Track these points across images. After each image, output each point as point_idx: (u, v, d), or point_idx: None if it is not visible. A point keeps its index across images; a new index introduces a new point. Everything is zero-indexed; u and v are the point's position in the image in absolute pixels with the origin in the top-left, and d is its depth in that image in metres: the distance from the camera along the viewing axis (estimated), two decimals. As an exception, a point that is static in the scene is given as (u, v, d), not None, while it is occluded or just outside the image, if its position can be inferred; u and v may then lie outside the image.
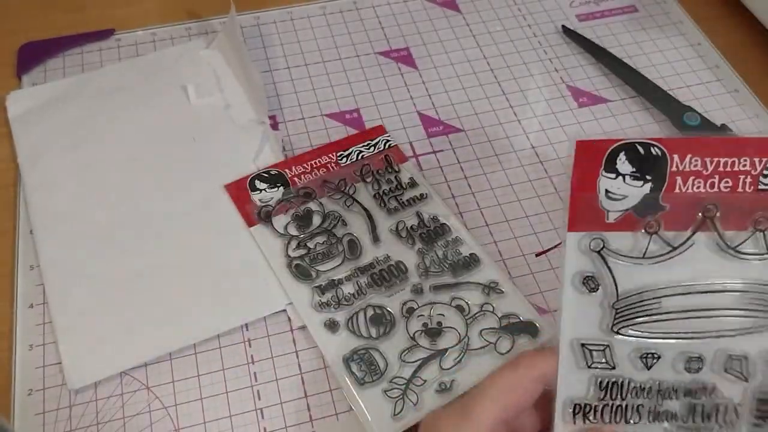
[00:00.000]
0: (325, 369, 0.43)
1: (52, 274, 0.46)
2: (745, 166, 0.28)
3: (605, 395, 0.31)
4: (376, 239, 0.47)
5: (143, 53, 0.60)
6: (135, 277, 0.46)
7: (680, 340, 0.31)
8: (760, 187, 0.29)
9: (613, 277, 0.30)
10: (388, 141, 0.53)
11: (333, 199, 0.49)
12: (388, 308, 0.44)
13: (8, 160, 0.53)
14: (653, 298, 0.31)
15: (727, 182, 0.29)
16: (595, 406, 0.31)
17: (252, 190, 0.49)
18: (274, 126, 0.55)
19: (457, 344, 0.43)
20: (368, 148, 0.52)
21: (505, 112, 0.56)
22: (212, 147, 0.53)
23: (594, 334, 0.31)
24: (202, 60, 0.58)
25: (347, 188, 0.50)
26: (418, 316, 0.44)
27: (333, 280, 0.45)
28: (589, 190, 0.28)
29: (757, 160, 0.28)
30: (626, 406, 0.32)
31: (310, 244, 0.47)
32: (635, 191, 0.28)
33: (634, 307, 0.31)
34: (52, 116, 0.54)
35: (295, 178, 0.50)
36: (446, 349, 0.43)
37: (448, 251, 0.47)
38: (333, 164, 0.51)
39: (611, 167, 0.28)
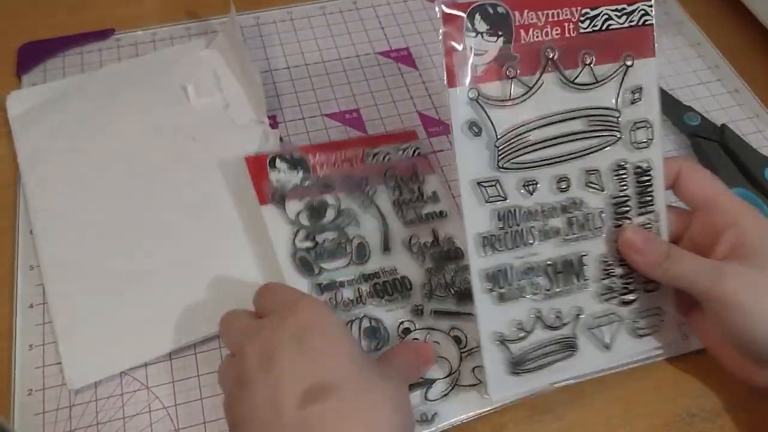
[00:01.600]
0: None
1: (52, 274, 0.46)
2: (566, 15, 0.36)
3: (504, 224, 0.37)
4: (386, 248, 0.46)
5: (143, 53, 0.60)
6: (135, 277, 0.46)
7: (549, 166, 0.38)
8: (580, 31, 0.36)
9: (491, 120, 0.36)
10: (417, 149, 0.51)
11: (351, 196, 0.47)
12: (384, 323, 0.43)
13: (8, 159, 0.53)
14: (523, 133, 0.36)
15: (557, 30, 0.36)
16: (498, 236, 0.37)
17: (271, 168, 0.47)
18: (274, 126, 0.55)
19: (446, 376, 0.41)
20: (397, 152, 0.50)
21: (505, 112, 0.56)
22: (212, 147, 0.53)
23: (486, 173, 0.36)
24: (201, 60, 0.58)
25: (368, 188, 0.48)
26: (413, 339, 0.43)
27: (335, 281, 0.44)
28: (455, 49, 0.35)
29: (574, 9, 0.36)
30: (521, 230, 0.38)
31: (319, 239, 0.45)
32: (492, 46, 0.35)
33: (511, 144, 0.36)
34: (52, 116, 0.54)
35: (317, 166, 0.47)
36: (435, 380, 0.41)
37: (456, 278, 0.45)
38: (358, 160, 0.49)
39: (472, 27, 0.34)
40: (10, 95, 0.56)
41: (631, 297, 0.41)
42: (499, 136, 0.36)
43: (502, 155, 0.36)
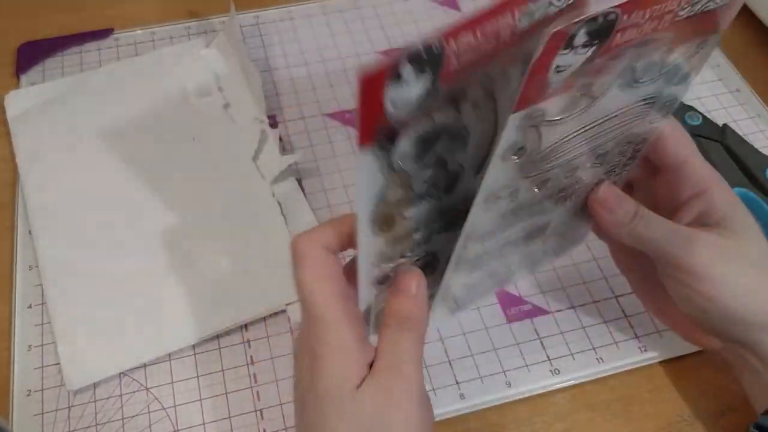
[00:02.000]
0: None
1: (51, 275, 0.46)
2: (671, 7, 0.28)
3: (504, 222, 0.33)
4: (478, 169, 0.31)
5: (142, 53, 0.59)
6: (134, 277, 0.46)
7: (569, 161, 0.33)
8: (675, 20, 0.29)
9: (541, 139, 0.30)
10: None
11: (478, 108, 0.29)
12: (439, 256, 0.35)
13: (7, 159, 0.53)
14: (566, 143, 0.31)
15: (653, 25, 0.28)
16: (493, 231, 0.33)
17: (394, 83, 0.24)
18: (274, 125, 0.55)
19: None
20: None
21: (505, 111, 0.56)
22: (211, 146, 0.53)
23: (508, 183, 0.31)
24: (201, 59, 0.58)
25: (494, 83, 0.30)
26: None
27: (410, 230, 0.32)
28: (543, 72, 0.26)
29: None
30: (515, 220, 0.34)
31: (416, 185, 0.29)
32: (582, 58, 0.27)
33: (549, 155, 0.31)
34: (51, 116, 0.54)
35: (454, 58, 0.25)
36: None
37: None
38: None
39: (569, 45, 0.26)
40: (8, 95, 0.56)
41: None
42: (541, 151, 0.30)
43: (535, 167, 0.31)
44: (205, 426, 0.41)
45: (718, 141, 0.53)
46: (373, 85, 0.24)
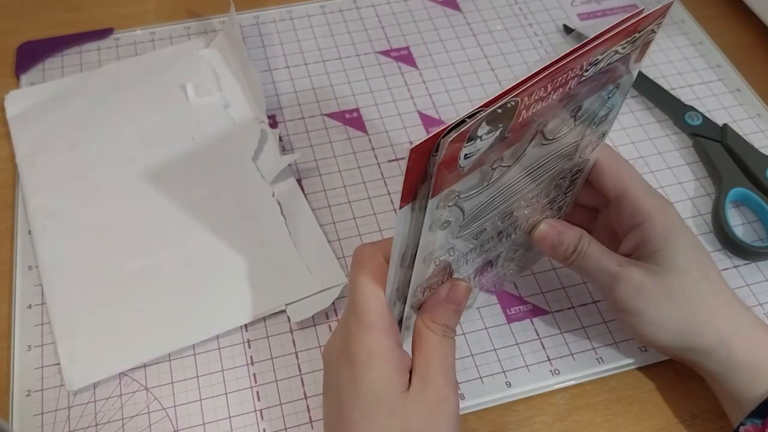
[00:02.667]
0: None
1: (51, 275, 0.46)
2: (573, 73, 0.30)
3: (442, 274, 0.35)
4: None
5: (142, 52, 0.59)
6: (133, 277, 0.46)
7: (500, 212, 0.35)
8: (581, 80, 0.31)
9: (464, 212, 0.31)
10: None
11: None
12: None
13: (7, 159, 0.53)
14: (490, 203, 0.33)
15: (557, 93, 0.30)
16: (432, 283, 0.35)
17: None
18: (273, 125, 0.55)
19: None
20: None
21: (505, 111, 0.56)
22: (211, 146, 0.53)
23: (442, 245, 0.32)
24: (201, 59, 0.58)
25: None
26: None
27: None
28: (453, 163, 0.27)
29: (584, 63, 0.30)
30: (455, 267, 0.35)
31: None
32: (489, 141, 0.28)
33: (476, 215, 0.33)
34: (51, 116, 0.54)
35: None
36: None
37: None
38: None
39: (473, 137, 0.27)
40: (8, 95, 0.56)
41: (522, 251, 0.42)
42: (467, 217, 0.32)
43: (465, 229, 0.33)
44: (205, 426, 0.41)
45: (718, 141, 0.53)
46: (419, 155, 0.27)
